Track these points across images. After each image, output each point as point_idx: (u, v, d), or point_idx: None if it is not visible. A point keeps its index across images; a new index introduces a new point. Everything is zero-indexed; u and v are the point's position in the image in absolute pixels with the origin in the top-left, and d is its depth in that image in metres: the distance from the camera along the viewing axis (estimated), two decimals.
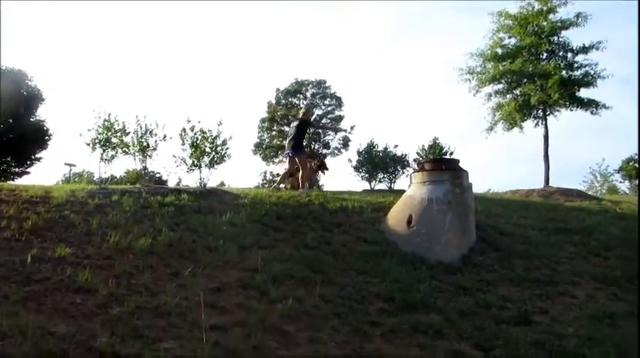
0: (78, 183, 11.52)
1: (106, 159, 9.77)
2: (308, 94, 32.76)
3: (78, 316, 4.23)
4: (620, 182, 21.26)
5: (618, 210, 11.80)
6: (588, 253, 8.35)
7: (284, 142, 33.19)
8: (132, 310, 4.48)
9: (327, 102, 32.83)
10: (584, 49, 17.59)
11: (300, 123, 11.69)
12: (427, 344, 4.84)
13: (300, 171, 11.46)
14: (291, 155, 11.86)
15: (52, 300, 4.45)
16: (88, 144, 9.64)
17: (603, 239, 8.99)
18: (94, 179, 15.33)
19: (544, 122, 17.90)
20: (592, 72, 17.43)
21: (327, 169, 8.70)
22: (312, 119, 11.76)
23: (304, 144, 11.58)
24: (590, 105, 17.46)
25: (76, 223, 6.43)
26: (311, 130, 11.77)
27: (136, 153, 9.95)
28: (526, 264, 7.51)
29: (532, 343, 5.10)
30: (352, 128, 32.13)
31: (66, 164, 28.18)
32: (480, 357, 4.79)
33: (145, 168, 10.31)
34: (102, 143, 9.66)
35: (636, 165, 18.64)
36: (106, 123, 9.70)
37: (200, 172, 9.98)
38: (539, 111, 17.94)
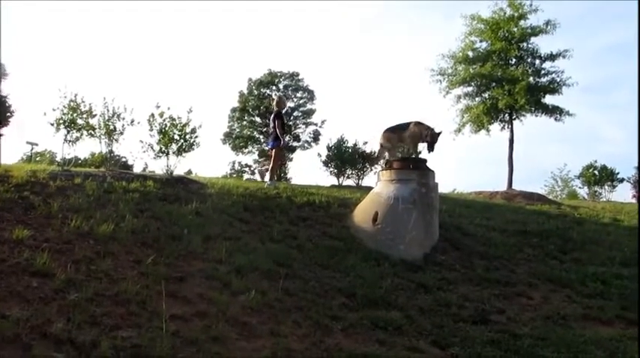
0: (39, 163, 11.20)
1: (70, 141, 9.53)
2: (281, 86, 32.55)
3: (33, 300, 4.11)
4: (580, 188, 21.90)
5: (577, 214, 12.17)
6: (546, 256, 8.59)
7: (254, 133, 33.01)
8: (90, 296, 4.38)
9: (299, 94, 32.71)
10: (552, 57, 18.06)
11: (273, 116, 11.68)
12: (386, 340, 4.90)
13: (272, 163, 11.45)
14: (269, 147, 11.96)
15: (7, 283, 4.31)
16: (52, 124, 9.38)
17: (560, 243, 9.26)
18: (57, 160, 14.93)
19: (510, 126, 18.34)
20: (558, 79, 17.95)
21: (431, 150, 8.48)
22: (282, 110, 11.66)
23: (284, 136, 11.51)
24: (555, 111, 17.98)
25: (35, 205, 6.23)
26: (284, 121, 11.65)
27: (102, 137, 9.74)
28: (486, 264, 7.69)
29: (488, 342, 5.24)
30: (323, 122, 32.22)
31: (27, 143, 27.23)
32: (438, 354, 4.89)
33: (110, 151, 10.10)
34: (67, 124, 9.41)
35: (595, 172, 19.20)
36: (71, 103, 9.44)
37: (167, 159, 9.85)
38: (506, 115, 18.37)
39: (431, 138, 8.50)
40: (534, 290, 7.07)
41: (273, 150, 11.38)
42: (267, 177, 11.60)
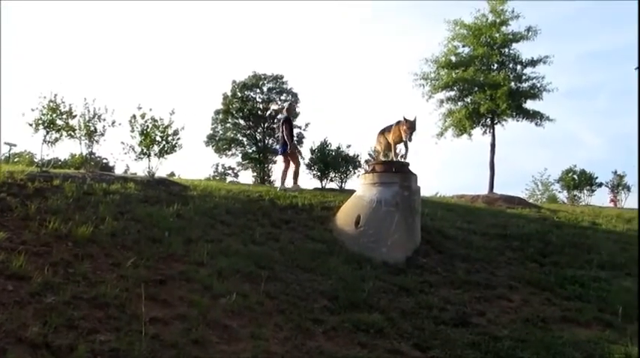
0: (17, 164, 11.03)
1: (49, 142, 9.40)
2: (265, 89, 32.48)
3: (8, 304, 4.03)
4: (560, 192, 22.21)
5: (556, 218, 12.33)
6: (526, 259, 8.67)
7: (238, 135, 32.84)
8: (67, 300, 4.32)
9: (283, 97, 32.66)
10: (532, 62, 18.31)
11: (282, 121, 11.77)
12: (368, 343, 4.91)
13: (294, 168, 11.65)
14: (280, 153, 12.11)
15: None
16: (31, 125, 9.24)
17: (540, 246, 9.37)
18: (36, 161, 14.68)
19: (492, 131, 18.54)
20: (539, 85, 18.20)
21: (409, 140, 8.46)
22: (290, 116, 11.81)
23: (294, 139, 11.68)
24: (536, 116, 18.23)
25: (12, 206, 6.12)
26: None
27: (82, 138, 9.63)
28: (467, 267, 7.74)
29: (469, 344, 5.27)
30: (307, 125, 32.24)
31: (5, 143, 26.77)
32: (419, 357, 4.90)
33: (91, 153, 9.98)
34: (46, 124, 9.28)
35: (575, 176, 19.50)
36: (51, 104, 9.32)
37: (149, 161, 9.78)
38: (488, 119, 18.57)
39: (408, 127, 8.59)
40: (514, 293, 7.14)
41: (285, 155, 11.62)
42: (288, 183, 11.72)
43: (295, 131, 31.74)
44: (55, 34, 67.01)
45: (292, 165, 11.65)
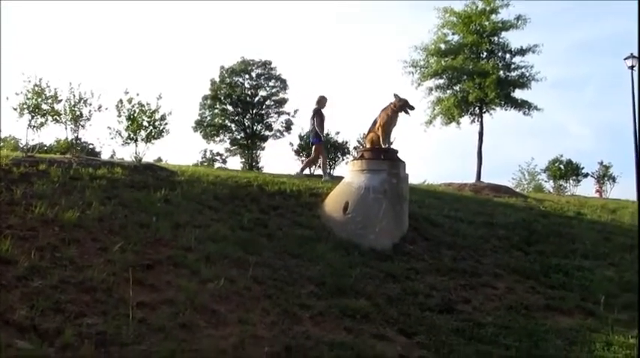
0: (2, 149, 10.87)
1: (34, 126, 9.26)
2: (253, 74, 32.21)
3: None
4: (546, 181, 22.45)
5: (542, 207, 12.46)
6: (511, 247, 8.78)
7: (226, 121, 32.58)
8: (55, 283, 4.31)
9: (271, 83, 32.43)
10: (522, 51, 18.35)
11: (313, 113, 11.79)
12: (354, 328, 4.96)
13: (322, 159, 12.25)
14: (311, 144, 12.51)
15: None
16: (15, 109, 9.10)
17: (526, 235, 9.48)
18: (21, 146, 14.51)
19: (480, 119, 18.60)
20: (527, 74, 18.26)
21: (411, 108, 8.36)
22: (321, 108, 11.94)
23: (324, 131, 12.02)
24: (524, 106, 18.31)
25: None
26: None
27: (68, 122, 9.51)
28: (453, 254, 7.82)
29: (453, 330, 5.35)
30: (295, 112, 32.05)
31: None
32: (404, 342, 4.97)
33: (77, 138, 9.87)
34: (31, 109, 9.14)
35: (561, 166, 19.68)
36: (36, 88, 9.17)
37: (136, 146, 9.70)
38: (476, 108, 18.61)
39: (400, 106, 8.62)
40: (499, 281, 7.24)
41: (319, 146, 12.00)
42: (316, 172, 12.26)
43: (283, 117, 31.67)
44: (40, 17, 65.89)
45: (320, 157, 12.22)
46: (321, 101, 11.96)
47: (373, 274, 6.54)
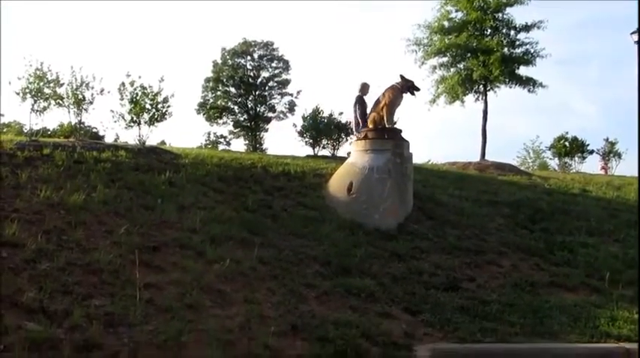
0: (6, 134, 10.89)
1: (37, 111, 9.25)
2: (255, 55, 31.93)
3: (3, 270, 4.07)
4: (551, 159, 22.26)
5: (547, 185, 12.41)
6: (516, 225, 8.77)
7: (229, 104, 32.41)
8: (62, 266, 4.36)
9: (274, 64, 32.12)
10: (526, 28, 18.09)
11: (355, 100, 11.52)
12: (359, 307, 5.01)
13: None
14: (355, 131, 11.79)
15: None
16: (18, 94, 9.09)
17: (530, 213, 9.45)
18: (25, 131, 14.52)
19: (484, 97, 18.40)
20: (532, 50, 18.01)
21: (417, 89, 8.33)
22: (364, 95, 11.46)
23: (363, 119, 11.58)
24: (528, 83, 18.08)
25: (3, 176, 6.10)
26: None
27: (71, 106, 9.49)
28: (458, 233, 7.83)
29: (458, 308, 5.39)
30: (298, 93, 31.84)
31: None
32: (409, 320, 5.01)
33: (80, 122, 9.87)
34: (33, 93, 9.12)
35: (566, 143, 19.53)
36: (38, 72, 9.14)
37: (139, 129, 9.69)
38: (481, 86, 18.41)
39: (407, 87, 8.56)
40: (504, 259, 7.25)
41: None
42: None
43: (286, 99, 31.47)
44: (41, 1, 65.36)
45: None
46: (364, 88, 11.50)
47: (378, 253, 6.56)
